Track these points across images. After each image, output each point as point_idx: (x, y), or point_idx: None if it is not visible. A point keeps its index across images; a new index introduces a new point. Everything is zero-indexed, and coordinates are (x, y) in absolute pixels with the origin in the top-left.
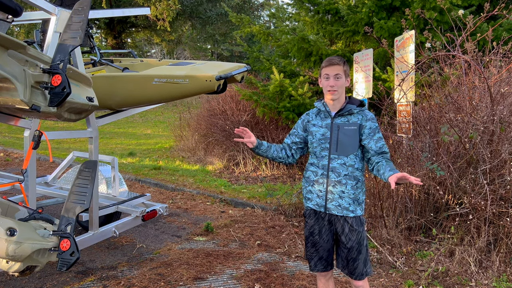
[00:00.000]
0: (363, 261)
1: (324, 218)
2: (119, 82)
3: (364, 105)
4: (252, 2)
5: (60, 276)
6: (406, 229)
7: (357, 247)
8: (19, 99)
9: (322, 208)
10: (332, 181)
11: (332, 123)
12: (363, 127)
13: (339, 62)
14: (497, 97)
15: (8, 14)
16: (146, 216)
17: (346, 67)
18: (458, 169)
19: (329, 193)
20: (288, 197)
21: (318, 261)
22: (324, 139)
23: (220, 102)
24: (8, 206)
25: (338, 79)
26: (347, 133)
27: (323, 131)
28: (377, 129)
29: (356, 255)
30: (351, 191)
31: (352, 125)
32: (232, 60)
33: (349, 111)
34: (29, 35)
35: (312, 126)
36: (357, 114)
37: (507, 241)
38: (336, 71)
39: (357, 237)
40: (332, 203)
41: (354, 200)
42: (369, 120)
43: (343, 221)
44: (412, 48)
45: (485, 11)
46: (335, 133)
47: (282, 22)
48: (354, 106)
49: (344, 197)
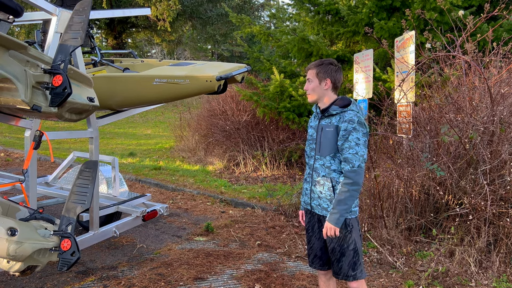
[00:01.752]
0: (348, 264)
1: (315, 216)
2: (120, 82)
3: (347, 106)
4: (253, 3)
5: (60, 276)
6: (406, 229)
7: (339, 249)
8: (20, 99)
9: (308, 206)
10: (314, 180)
11: (319, 124)
12: (339, 128)
13: (312, 66)
14: (497, 98)
15: (9, 14)
16: (147, 216)
17: (320, 69)
18: (458, 170)
19: (312, 192)
20: (288, 198)
21: (314, 258)
22: (312, 140)
23: (220, 103)
24: (9, 206)
25: (310, 83)
26: (326, 134)
27: (312, 132)
28: (353, 132)
29: (339, 256)
30: (327, 192)
31: (331, 127)
32: (233, 60)
33: (329, 113)
34: (29, 36)
35: (309, 127)
36: (336, 116)
37: (507, 241)
38: (308, 75)
39: (338, 239)
40: (313, 202)
41: (331, 201)
42: (345, 121)
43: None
44: (412, 49)
45: (485, 11)
46: (319, 134)
47: (282, 22)
48: (336, 107)
49: (322, 197)
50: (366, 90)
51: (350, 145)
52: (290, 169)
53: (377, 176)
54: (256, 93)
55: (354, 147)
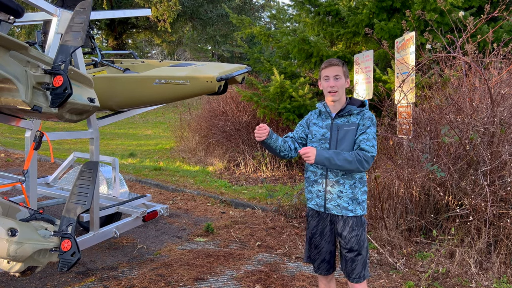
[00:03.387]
0: (361, 263)
1: (326, 218)
2: (120, 83)
3: (364, 105)
4: (253, 3)
5: (60, 276)
6: (407, 230)
7: (356, 248)
8: (21, 99)
9: (322, 208)
10: (331, 181)
11: (332, 124)
12: (359, 125)
13: (338, 63)
14: (497, 99)
15: (10, 15)
16: (147, 217)
17: (345, 68)
18: (459, 171)
19: (327, 193)
20: (288, 198)
21: (321, 263)
22: (324, 139)
23: (220, 103)
24: (9, 207)
25: (338, 80)
26: (345, 133)
27: (323, 131)
28: (370, 127)
29: (355, 255)
30: (349, 190)
31: (351, 125)
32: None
33: (349, 112)
34: (30, 36)
35: (313, 125)
36: (357, 115)
37: (507, 242)
38: (335, 72)
39: (356, 237)
40: (331, 203)
41: (352, 199)
42: (365, 118)
43: (343, 221)
44: (412, 50)
45: (486, 12)
46: (335, 134)
47: (282, 23)
48: (354, 107)
49: (342, 196)
50: (366, 91)
51: (368, 137)
52: (290, 170)
53: (378, 177)
54: (257, 94)
55: (371, 139)
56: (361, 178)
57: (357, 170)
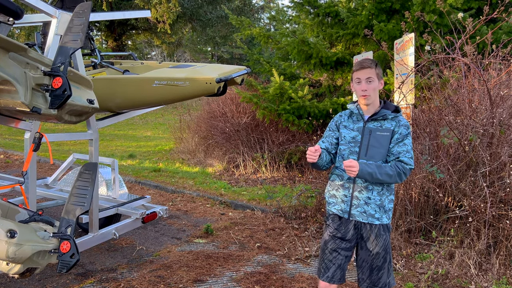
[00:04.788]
0: (387, 271)
1: (350, 223)
2: (120, 84)
3: (399, 111)
4: (253, 5)
5: (60, 278)
6: (406, 231)
7: (383, 254)
8: (20, 101)
9: (346, 214)
10: (359, 186)
11: (364, 127)
12: (395, 133)
13: (371, 65)
14: (496, 100)
15: (9, 16)
16: (146, 218)
17: (379, 69)
18: (458, 172)
19: (354, 198)
20: (288, 200)
21: (336, 270)
22: (354, 142)
23: (220, 105)
24: (8, 208)
25: (370, 83)
26: (379, 138)
27: (354, 134)
28: (408, 136)
29: (382, 262)
30: (377, 197)
31: (385, 131)
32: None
33: (383, 116)
34: (29, 38)
35: (343, 127)
36: (391, 120)
37: (506, 243)
38: (367, 75)
39: (384, 243)
40: (357, 209)
41: (380, 206)
42: (401, 126)
43: (369, 227)
44: (411, 51)
45: (485, 14)
46: (367, 137)
47: (282, 24)
48: (389, 112)
49: (370, 203)
50: None
51: (407, 149)
52: (289, 171)
53: None
54: (256, 95)
55: (410, 151)
56: (389, 186)
57: (396, 182)
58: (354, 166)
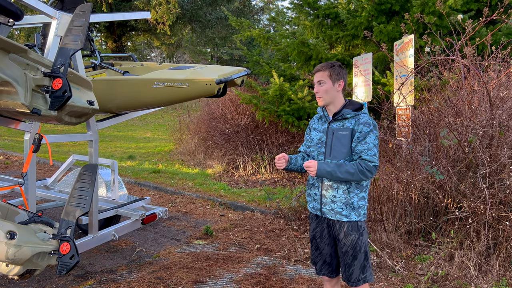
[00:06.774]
0: (359, 267)
1: (324, 221)
2: (120, 85)
3: (362, 109)
4: (252, 6)
5: (59, 279)
6: (406, 233)
7: (351, 253)
8: (20, 102)
9: (318, 212)
10: (326, 185)
11: (328, 128)
12: (355, 131)
13: (322, 67)
14: (496, 101)
15: (9, 17)
16: (146, 220)
17: (333, 71)
18: (458, 173)
19: (323, 197)
20: (287, 201)
21: (323, 265)
22: (321, 143)
23: (219, 106)
24: (8, 209)
25: (321, 85)
26: (340, 138)
27: (320, 136)
28: (369, 134)
29: (351, 260)
30: (342, 195)
31: (345, 130)
32: (232, 63)
33: (342, 116)
34: (29, 39)
35: (313, 130)
36: (351, 119)
37: (506, 245)
38: (318, 77)
39: (351, 242)
40: (325, 207)
41: (346, 204)
42: (361, 124)
43: (339, 225)
44: (411, 52)
45: (484, 15)
46: (330, 138)
47: (282, 26)
48: (349, 111)
49: (336, 201)
50: (365, 94)
51: (368, 147)
52: (289, 172)
53: (377, 179)
54: (256, 96)
55: (372, 148)
56: (358, 184)
57: (361, 180)
58: (311, 166)
